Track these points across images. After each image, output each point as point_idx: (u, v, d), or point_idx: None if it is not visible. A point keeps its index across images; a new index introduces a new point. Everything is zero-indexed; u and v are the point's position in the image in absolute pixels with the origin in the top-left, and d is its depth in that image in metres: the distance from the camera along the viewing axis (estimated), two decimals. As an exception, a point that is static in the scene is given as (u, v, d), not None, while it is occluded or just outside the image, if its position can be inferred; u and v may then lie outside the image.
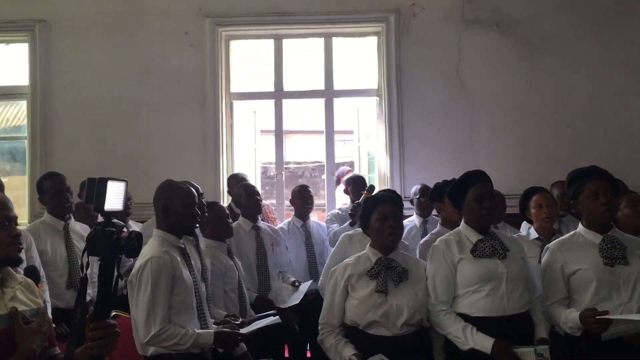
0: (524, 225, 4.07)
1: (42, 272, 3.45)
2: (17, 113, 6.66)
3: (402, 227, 2.98)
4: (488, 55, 5.51)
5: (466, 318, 2.72)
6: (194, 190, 2.87)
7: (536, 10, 5.52)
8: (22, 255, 2.04)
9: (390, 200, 2.92)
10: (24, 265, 2.95)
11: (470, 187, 2.85)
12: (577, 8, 5.49)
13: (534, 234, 3.71)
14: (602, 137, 5.37)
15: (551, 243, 2.95)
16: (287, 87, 5.83)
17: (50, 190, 3.78)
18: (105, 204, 1.79)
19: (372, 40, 5.78)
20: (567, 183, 2.90)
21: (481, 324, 2.67)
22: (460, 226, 2.93)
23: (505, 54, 5.51)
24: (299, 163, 11.97)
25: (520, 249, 2.90)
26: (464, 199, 2.86)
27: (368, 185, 4.56)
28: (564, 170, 3.00)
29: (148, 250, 2.69)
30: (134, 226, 4.41)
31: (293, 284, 4.16)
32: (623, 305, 2.64)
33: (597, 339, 2.57)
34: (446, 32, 5.53)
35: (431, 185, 4.13)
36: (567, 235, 2.93)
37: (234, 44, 5.84)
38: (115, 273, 1.80)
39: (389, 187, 5.30)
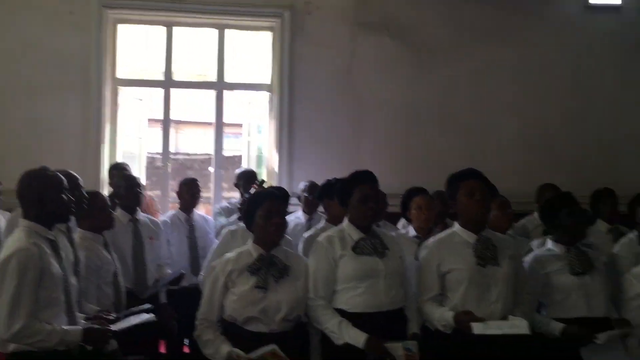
0: (402, 222, 4.21)
1: None
2: None
3: (286, 224, 2.98)
4: (378, 58, 5.65)
5: (343, 314, 2.77)
6: (61, 177, 2.70)
7: (423, 19, 5.72)
8: None
9: (275, 197, 2.92)
10: None
11: (357, 187, 2.90)
12: (459, 20, 5.74)
13: (412, 232, 3.83)
14: (478, 144, 5.65)
15: (429, 241, 3.05)
16: (177, 77, 5.67)
17: None
18: None
19: (267, 35, 5.76)
20: (447, 184, 3.00)
21: (358, 319, 2.74)
22: (343, 223, 2.98)
23: (394, 58, 5.67)
24: (188, 154, 11.74)
25: (399, 248, 2.99)
26: (350, 197, 2.91)
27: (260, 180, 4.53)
28: (442, 173, 3.12)
29: (14, 241, 2.51)
30: (1, 216, 4.10)
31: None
32: (492, 305, 2.79)
33: (467, 336, 2.69)
34: (339, 33, 5.61)
35: (319, 183, 4.17)
36: (444, 233, 3.04)
37: (121, 28, 5.58)
38: None
39: (276, 183, 5.31)
